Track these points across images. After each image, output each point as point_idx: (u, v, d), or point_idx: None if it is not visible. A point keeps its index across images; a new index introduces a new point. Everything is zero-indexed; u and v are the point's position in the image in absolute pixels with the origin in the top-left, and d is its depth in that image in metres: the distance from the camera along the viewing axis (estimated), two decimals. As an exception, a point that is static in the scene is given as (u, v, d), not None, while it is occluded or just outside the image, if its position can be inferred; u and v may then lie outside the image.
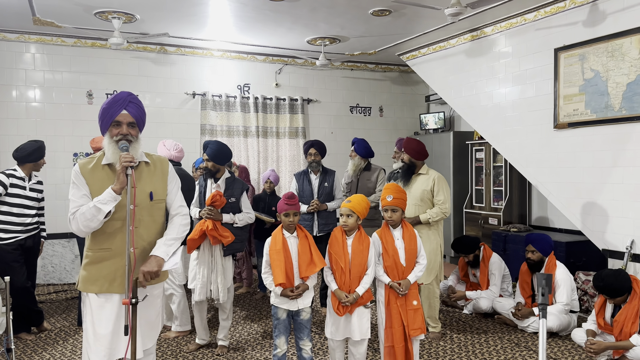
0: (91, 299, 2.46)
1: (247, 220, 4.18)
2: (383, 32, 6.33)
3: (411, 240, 3.43)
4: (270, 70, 7.65)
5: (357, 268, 3.32)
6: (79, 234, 2.45)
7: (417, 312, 3.36)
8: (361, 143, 5.23)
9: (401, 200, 3.44)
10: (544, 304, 1.92)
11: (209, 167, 4.15)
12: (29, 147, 4.47)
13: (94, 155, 2.55)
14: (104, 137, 2.49)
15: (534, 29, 5.42)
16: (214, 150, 4.12)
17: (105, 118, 2.46)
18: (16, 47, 6.30)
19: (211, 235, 3.95)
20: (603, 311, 4.04)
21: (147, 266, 2.42)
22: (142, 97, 6.90)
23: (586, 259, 5.51)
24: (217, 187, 4.13)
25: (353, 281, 3.31)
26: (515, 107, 5.71)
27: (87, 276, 2.48)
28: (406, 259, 3.40)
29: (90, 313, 2.46)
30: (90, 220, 2.37)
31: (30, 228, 4.50)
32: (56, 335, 4.62)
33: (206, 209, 3.96)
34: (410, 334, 3.32)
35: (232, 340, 4.47)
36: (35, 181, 4.58)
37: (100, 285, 2.46)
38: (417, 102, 8.71)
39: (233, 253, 4.17)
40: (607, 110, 4.72)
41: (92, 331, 2.43)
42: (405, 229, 3.47)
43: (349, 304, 3.27)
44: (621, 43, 4.57)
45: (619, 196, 4.71)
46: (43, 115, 6.45)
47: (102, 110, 2.48)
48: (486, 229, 6.87)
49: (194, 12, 5.50)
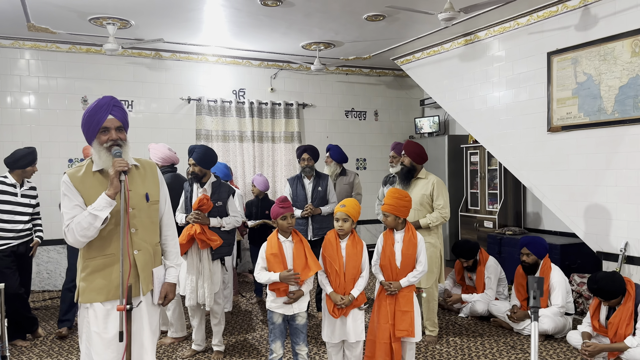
0: (96, 309, 2.41)
1: (234, 223, 4.18)
2: (377, 36, 6.37)
3: (409, 244, 3.47)
4: (265, 75, 7.67)
5: (352, 271, 3.35)
6: (76, 244, 2.39)
7: (406, 314, 3.40)
8: (336, 149, 5.56)
9: (391, 206, 3.49)
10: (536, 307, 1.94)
11: (195, 172, 4.16)
12: (19, 153, 4.45)
13: (82, 164, 2.50)
14: (92, 144, 2.44)
15: (527, 33, 5.46)
16: (200, 154, 4.13)
17: (91, 125, 2.41)
18: (10, 53, 6.30)
19: (200, 239, 3.96)
20: (598, 313, 4.06)
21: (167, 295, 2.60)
22: (138, 103, 6.91)
23: (581, 262, 5.54)
24: (203, 191, 4.15)
25: (348, 284, 3.34)
26: (509, 111, 5.74)
27: (90, 286, 2.42)
28: (402, 262, 3.45)
29: (96, 323, 2.40)
30: (87, 229, 2.33)
31: (22, 235, 4.48)
32: (51, 342, 4.60)
33: (193, 213, 3.98)
34: (395, 333, 3.38)
35: (228, 345, 4.46)
36: (28, 187, 4.56)
37: (106, 293, 2.41)
38: (412, 106, 8.74)
39: (221, 257, 4.16)
40: (600, 114, 4.75)
41: (100, 340, 2.39)
42: (407, 233, 3.51)
43: (344, 306, 3.30)
44: (613, 47, 4.61)
45: (612, 198, 4.74)
46: (38, 121, 6.45)
47: (86, 117, 2.43)
48: (481, 232, 6.89)
49: (189, 17, 5.51)
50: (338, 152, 5.55)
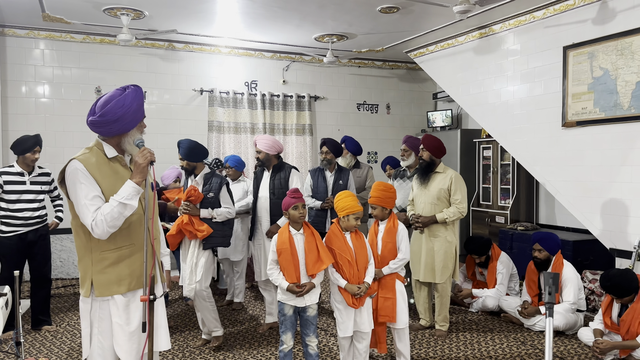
0: (117, 301, 2.36)
1: (227, 215, 4.19)
2: (391, 29, 6.32)
3: (389, 233, 3.63)
4: (277, 67, 7.66)
5: (362, 259, 3.42)
6: (103, 237, 2.29)
7: (387, 300, 3.56)
8: (352, 141, 5.60)
9: (378, 199, 3.64)
10: (551, 303, 1.92)
11: (184, 166, 4.23)
12: (18, 140, 4.40)
13: (89, 149, 2.44)
14: (130, 132, 2.41)
15: (543, 26, 5.39)
16: (185, 148, 4.18)
17: (138, 113, 2.40)
18: (26, 43, 6.35)
19: (186, 230, 4.02)
20: (610, 310, 4.03)
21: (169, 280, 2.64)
22: (150, 94, 6.93)
23: (593, 258, 5.49)
24: (195, 183, 4.21)
25: (361, 272, 3.41)
26: (523, 105, 5.69)
27: (110, 278, 2.35)
28: (382, 250, 3.62)
29: (118, 314, 2.36)
30: (117, 219, 2.27)
31: (32, 222, 4.43)
32: (64, 329, 4.66)
33: (183, 204, 4.06)
34: (377, 318, 3.56)
35: (239, 335, 4.49)
36: (38, 173, 4.48)
37: (127, 284, 2.38)
38: (425, 99, 8.69)
39: (213, 247, 4.18)
40: (616, 109, 4.69)
41: (122, 332, 2.36)
42: (388, 223, 3.67)
43: (363, 294, 3.36)
44: (631, 41, 4.54)
45: (627, 195, 4.69)
46: (52, 111, 6.50)
47: (135, 105, 2.38)
48: (493, 227, 6.85)
49: (202, 8, 5.51)
50: (353, 143, 5.60)
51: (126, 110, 2.35)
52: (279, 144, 4.56)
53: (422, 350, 4.17)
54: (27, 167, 4.43)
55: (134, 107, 2.37)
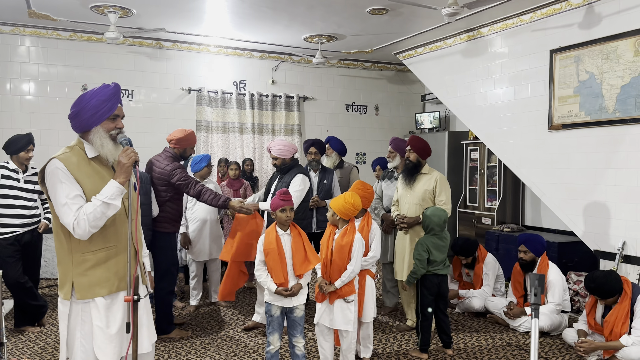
0: (98, 303, 2.31)
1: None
2: (380, 30, 6.34)
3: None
4: (266, 67, 7.65)
5: (338, 262, 3.40)
6: (84, 237, 2.25)
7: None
8: (336, 140, 5.62)
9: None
10: (537, 304, 1.94)
11: None
12: (11, 139, 4.40)
13: (69, 148, 2.37)
14: (94, 130, 2.34)
15: (530, 30, 5.44)
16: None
17: (100, 110, 2.31)
18: (11, 39, 6.26)
19: None
20: (594, 311, 4.08)
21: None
22: (138, 92, 6.88)
23: (578, 260, 5.55)
24: None
25: (333, 273, 3.42)
26: (510, 108, 5.74)
27: (92, 280, 2.30)
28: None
29: (99, 317, 2.31)
30: (99, 219, 2.23)
31: (28, 222, 4.41)
32: (47, 329, 4.60)
33: None
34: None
35: (225, 336, 4.47)
36: (31, 173, 4.48)
37: (110, 286, 2.33)
38: (413, 101, 8.72)
39: None
40: (601, 112, 4.75)
41: (103, 334, 2.31)
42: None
43: (324, 294, 3.43)
44: (616, 46, 4.60)
45: (611, 198, 4.75)
46: (37, 108, 6.42)
47: (95, 101, 2.31)
48: (479, 229, 6.90)
49: (191, 7, 5.48)
50: (338, 142, 5.62)
51: (84, 106, 2.31)
52: (292, 146, 4.58)
53: (408, 351, 4.18)
54: (21, 165, 4.44)
55: (93, 103, 2.30)
